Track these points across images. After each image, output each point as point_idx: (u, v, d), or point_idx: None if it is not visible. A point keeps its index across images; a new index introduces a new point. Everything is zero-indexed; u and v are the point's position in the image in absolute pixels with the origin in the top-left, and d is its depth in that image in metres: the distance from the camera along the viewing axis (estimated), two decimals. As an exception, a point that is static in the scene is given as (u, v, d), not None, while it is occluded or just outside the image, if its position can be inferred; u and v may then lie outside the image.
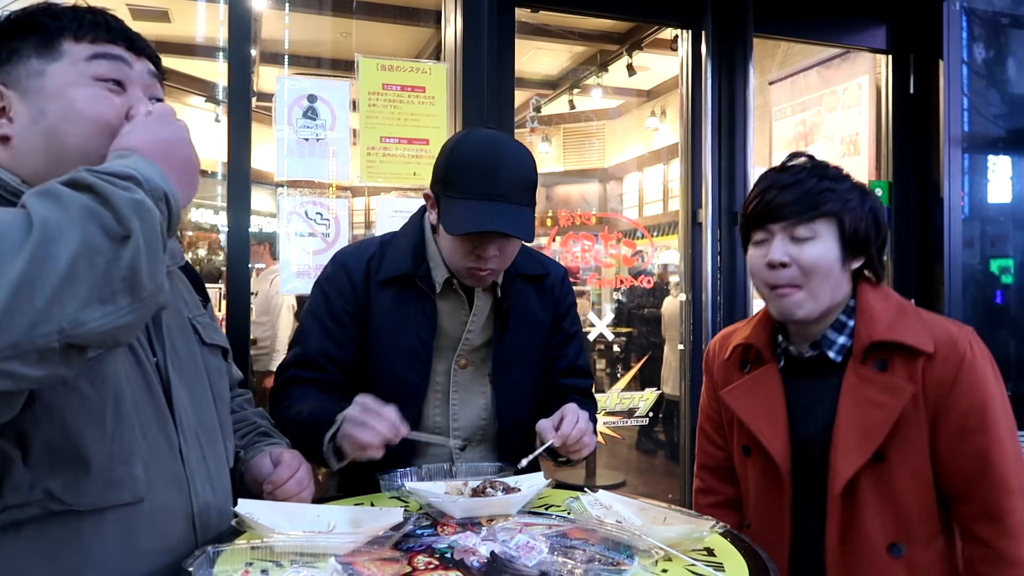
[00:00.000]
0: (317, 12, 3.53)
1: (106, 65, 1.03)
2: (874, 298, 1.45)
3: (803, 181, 1.42)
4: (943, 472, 1.37)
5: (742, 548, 1.10)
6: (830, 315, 1.45)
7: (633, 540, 1.08)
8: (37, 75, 1.01)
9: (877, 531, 1.37)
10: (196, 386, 1.15)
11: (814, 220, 1.40)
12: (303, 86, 2.53)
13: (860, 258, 1.46)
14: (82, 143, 1.00)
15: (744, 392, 1.53)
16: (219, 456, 1.16)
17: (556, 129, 8.37)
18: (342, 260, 1.61)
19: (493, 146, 1.46)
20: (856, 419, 1.38)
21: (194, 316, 1.20)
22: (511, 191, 1.43)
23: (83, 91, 1.01)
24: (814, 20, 3.37)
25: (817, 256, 1.39)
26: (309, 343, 1.56)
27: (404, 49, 4.13)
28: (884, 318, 1.41)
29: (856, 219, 1.42)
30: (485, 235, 1.44)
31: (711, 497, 1.66)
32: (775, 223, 1.42)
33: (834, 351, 1.45)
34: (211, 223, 8.53)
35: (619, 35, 5.16)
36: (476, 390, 1.63)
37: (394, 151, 2.61)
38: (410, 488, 1.30)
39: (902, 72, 3.49)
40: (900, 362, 1.38)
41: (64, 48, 1.02)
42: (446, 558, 1.05)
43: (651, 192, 8.17)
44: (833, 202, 1.41)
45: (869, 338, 1.39)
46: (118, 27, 1.07)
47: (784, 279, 1.41)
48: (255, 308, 4.63)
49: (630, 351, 5.32)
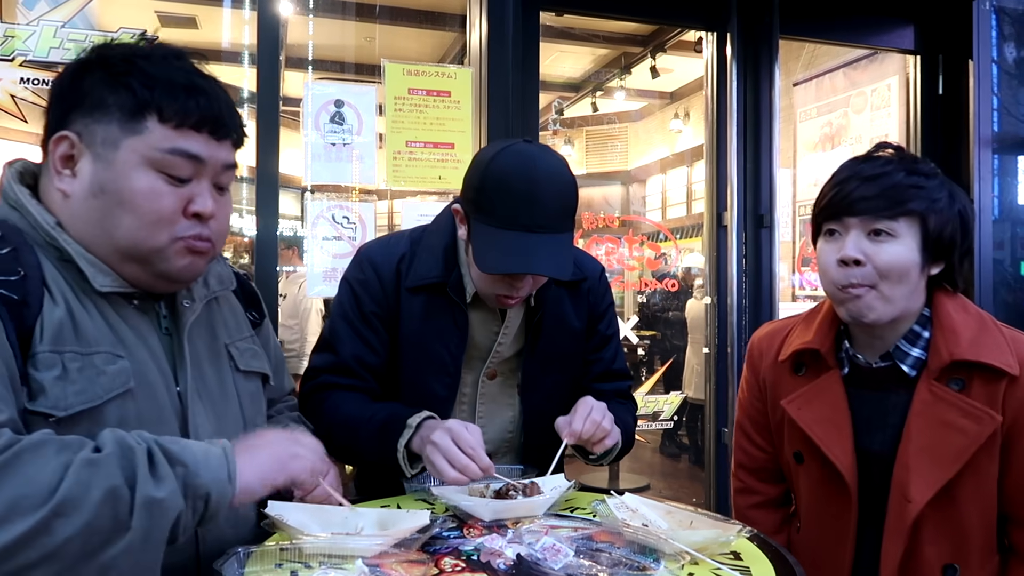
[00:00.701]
0: (342, 17, 3.56)
1: (180, 163, 1.01)
2: (953, 309, 1.34)
3: (890, 174, 1.30)
4: (1012, 495, 1.30)
5: (769, 552, 1.09)
6: (902, 323, 1.34)
7: (659, 544, 1.08)
8: (112, 145, 0.99)
9: (935, 554, 1.31)
10: (224, 413, 1.14)
11: (896, 218, 1.28)
12: (330, 91, 2.56)
13: (940, 264, 1.34)
14: (131, 232, 1.00)
15: (806, 403, 1.43)
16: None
17: (579, 131, 8.35)
18: (370, 258, 1.52)
19: (530, 169, 1.32)
20: (929, 441, 1.29)
21: (232, 342, 1.20)
22: (551, 220, 1.32)
23: (144, 179, 0.99)
24: (840, 21, 3.34)
25: (895, 257, 1.28)
26: (342, 348, 1.50)
27: (429, 53, 4.15)
28: (966, 334, 1.30)
29: (942, 221, 1.30)
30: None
31: (753, 498, 1.58)
32: (853, 216, 1.30)
33: (908, 364, 1.34)
34: (237, 226, 8.62)
35: (643, 37, 5.14)
36: (504, 401, 1.56)
37: (420, 155, 2.63)
38: (437, 492, 1.30)
39: (930, 73, 3.45)
40: (980, 383, 1.28)
41: (147, 125, 0.99)
42: (472, 560, 1.06)
43: (675, 194, 8.13)
44: (920, 200, 1.29)
45: (951, 356, 1.29)
46: (208, 112, 1.03)
47: (856, 278, 1.30)
48: (284, 311, 4.67)
49: (654, 354, 5.29)
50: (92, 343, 0.97)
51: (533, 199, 1.31)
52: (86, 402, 0.94)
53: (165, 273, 1.04)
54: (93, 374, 0.95)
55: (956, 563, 1.31)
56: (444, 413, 1.49)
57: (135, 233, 1.00)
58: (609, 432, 1.40)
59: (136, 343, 1.03)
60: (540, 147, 1.38)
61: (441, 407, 1.49)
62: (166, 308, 1.11)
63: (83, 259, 1.00)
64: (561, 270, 1.34)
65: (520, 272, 1.33)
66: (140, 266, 1.03)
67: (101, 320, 1.00)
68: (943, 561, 1.31)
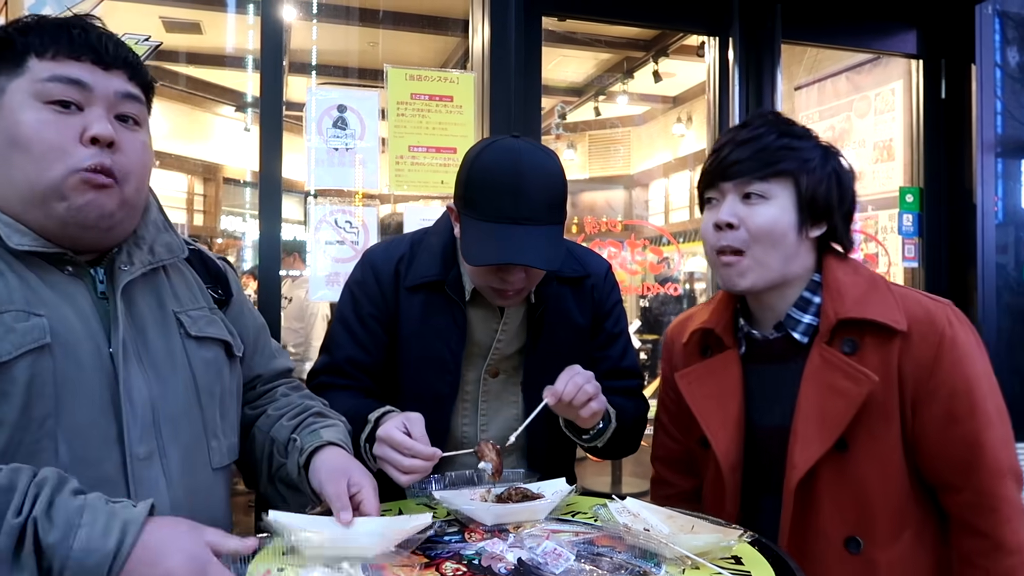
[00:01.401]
0: (345, 22, 3.57)
1: (59, 88, 0.99)
2: (842, 272, 1.31)
3: (761, 137, 1.30)
4: (928, 461, 1.26)
5: (770, 556, 1.09)
6: (789, 289, 1.33)
7: (661, 548, 1.08)
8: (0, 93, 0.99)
9: (834, 525, 1.27)
10: (169, 378, 1.10)
11: (767, 179, 1.28)
12: (333, 97, 2.57)
13: (821, 225, 1.32)
14: (27, 171, 0.98)
15: (697, 379, 1.42)
16: (192, 452, 1.12)
17: (582, 136, 8.35)
18: (371, 261, 1.56)
19: (515, 163, 1.34)
20: (816, 406, 1.26)
21: (184, 310, 1.16)
22: (536, 212, 1.33)
23: (29, 114, 0.98)
24: (843, 26, 3.34)
25: (768, 219, 1.28)
26: (336, 351, 1.53)
27: (432, 58, 4.17)
28: (852, 293, 1.28)
29: (815, 180, 1.29)
30: (511, 267, 1.36)
31: (667, 489, 1.57)
32: (727, 181, 1.31)
33: (799, 331, 1.32)
34: (240, 231, 8.64)
35: (645, 42, 5.15)
36: (507, 399, 1.57)
37: (422, 160, 2.63)
38: (439, 496, 1.31)
39: (933, 77, 3.45)
40: (872, 343, 1.25)
41: (28, 64, 0.99)
42: (474, 564, 1.06)
43: (677, 199, 8.12)
44: (791, 160, 1.29)
45: (836, 315, 1.27)
46: (82, 40, 1.01)
47: (727, 241, 1.30)
48: (289, 315, 4.68)
49: (656, 358, 5.29)
50: (2, 303, 0.96)
51: (518, 191, 1.32)
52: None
53: (68, 216, 1.00)
54: (1, 331, 0.94)
55: (858, 536, 1.26)
56: (447, 411, 1.52)
57: (30, 171, 0.98)
58: (593, 396, 1.36)
59: (59, 303, 1.01)
60: (527, 142, 1.39)
61: (443, 405, 1.51)
62: (104, 274, 1.09)
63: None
64: (549, 262, 1.34)
65: (504, 262, 1.33)
66: (43, 212, 1.00)
67: (17, 281, 0.98)
68: (844, 533, 1.27)
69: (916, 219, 3.42)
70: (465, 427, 1.56)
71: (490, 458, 1.33)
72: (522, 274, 1.39)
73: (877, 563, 1.26)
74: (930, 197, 3.43)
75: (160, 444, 1.07)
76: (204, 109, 7.24)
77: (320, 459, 1.19)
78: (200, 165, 7.73)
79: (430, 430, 1.51)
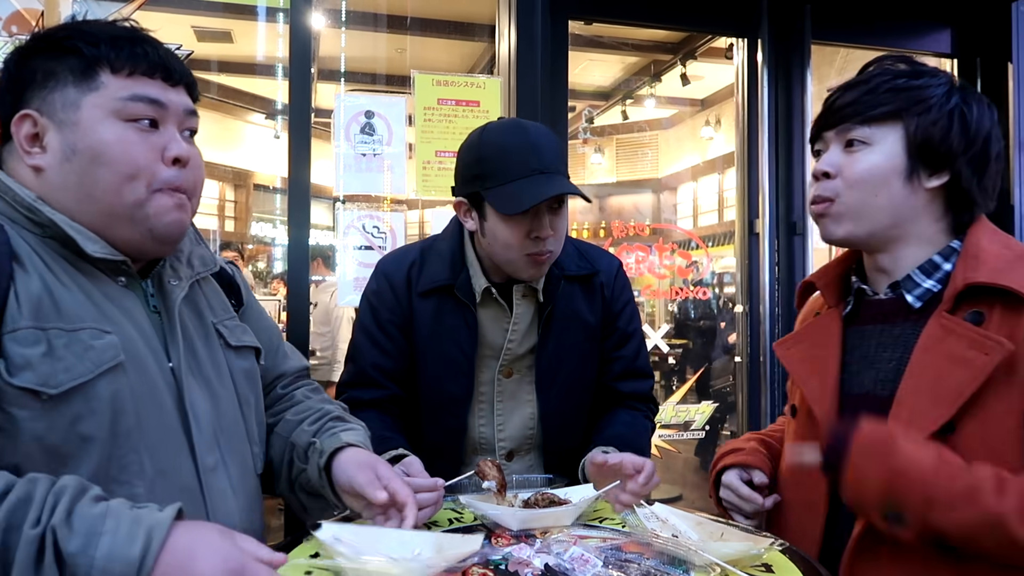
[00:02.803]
0: (373, 29, 3.60)
1: (140, 108, 1.01)
2: (988, 240, 1.13)
3: (872, 79, 1.16)
4: None
5: (801, 564, 1.07)
6: (905, 249, 1.17)
7: (689, 555, 1.07)
8: (72, 107, 0.99)
9: None
10: (219, 392, 1.13)
11: (870, 123, 1.14)
12: (361, 103, 2.59)
13: (941, 174, 1.14)
14: (110, 187, 1.00)
15: (796, 340, 1.29)
16: (244, 461, 1.15)
17: (609, 140, 8.33)
18: (384, 271, 1.60)
19: (519, 127, 1.46)
20: (931, 378, 1.09)
21: (220, 321, 1.19)
22: (553, 163, 1.42)
23: (113, 131, 1.00)
24: (874, 25, 3.29)
25: (867, 166, 1.14)
26: (361, 359, 1.57)
27: (458, 64, 4.18)
28: (994, 262, 1.09)
29: (928, 121, 1.12)
30: (540, 212, 1.41)
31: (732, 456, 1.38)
32: (829, 129, 1.18)
33: (915, 295, 1.17)
34: (270, 236, 8.74)
35: (672, 45, 5.12)
36: (522, 399, 1.59)
37: (449, 165, 2.62)
38: (465, 501, 1.30)
39: (968, 76, 3.38)
40: (1001, 317, 1.06)
41: (101, 79, 1.00)
42: (500, 569, 1.05)
43: (706, 202, 8.07)
44: (899, 100, 1.13)
45: (965, 280, 1.09)
46: (156, 58, 1.04)
47: (820, 191, 1.17)
48: (315, 319, 4.72)
49: (685, 363, 5.25)
50: (76, 319, 0.96)
51: (533, 146, 1.42)
52: (76, 378, 0.93)
53: (152, 230, 1.03)
54: (80, 349, 0.94)
55: None
56: (463, 412, 1.56)
57: (114, 187, 0.99)
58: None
59: (122, 319, 1.02)
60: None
61: (460, 407, 1.55)
62: (153, 287, 1.11)
63: (70, 227, 0.99)
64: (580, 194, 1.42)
65: (548, 196, 1.38)
66: (127, 226, 1.02)
67: (83, 297, 0.99)
68: None
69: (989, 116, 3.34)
70: (482, 427, 1.58)
71: (492, 476, 1.33)
72: (551, 232, 1.43)
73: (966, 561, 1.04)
74: (965, 199, 3.37)
75: (221, 454, 1.10)
76: (235, 116, 7.35)
77: (342, 458, 1.19)
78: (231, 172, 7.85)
79: (448, 432, 1.55)
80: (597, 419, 1.62)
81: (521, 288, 1.55)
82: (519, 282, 1.54)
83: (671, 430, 3.52)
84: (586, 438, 1.57)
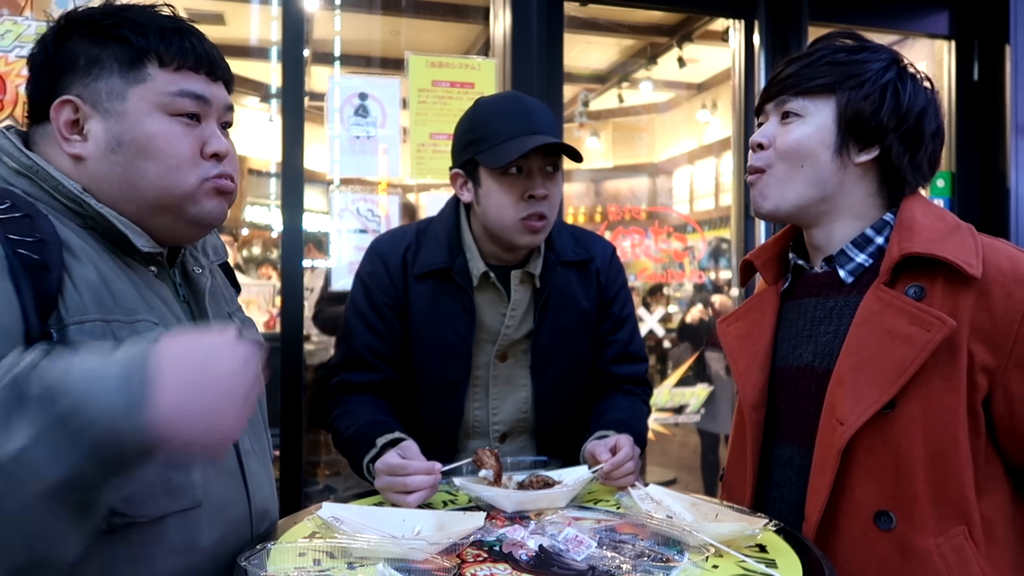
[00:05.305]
0: (367, 11, 3.56)
1: (187, 103, 1.01)
2: (921, 212, 1.13)
3: (813, 53, 1.17)
4: (1018, 443, 1.09)
5: (796, 545, 1.08)
6: (837, 223, 1.18)
7: (684, 536, 1.07)
8: (118, 97, 0.98)
9: (865, 494, 1.09)
10: None
11: (804, 95, 1.15)
12: (354, 85, 2.58)
13: (871, 149, 1.15)
14: (158, 179, 1.00)
15: (735, 319, 1.31)
16: (264, 446, 1.17)
17: (605, 124, 8.29)
18: (378, 251, 1.59)
19: (512, 95, 1.53)
20: (872, 355, 1.08)
21: (233, 311, 1.21)
22: (547, 126, 1.44)
23: (159, 125, 0.99)
24: (871, 7, 3.28)
25: (797, 137, 1.15)
26: (354, 340, 1.55)
27: (453, 46, 4.14)
28: (927, 233, 1.09)
29: (860, 96, 1.13)
30: (533, 172, 1.43)
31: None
32: (769, 102, 1.20)
33: (847, 270, 1.18)
34: (265, 221, 8.71)
35: (669, 27, 5.08)
36: (517, 383, 1.59)
37: (443, 147, 2.63)
38: (459, 483, 1.31)
39: (966, 58, 3.37)
40: (942, 292, 1.07)
41: (149, 71, 0.99)
42: (495, 551, 1.06)
43: (702, 186, 8.04)
44: (833, 74, 1.14)
45: (901, 251, 1.09)
46: (203, 53, 1.04)
47: (752, 161, 1.19)
48: (312, 305, 4.70)
49: (681, 346, 5.25)
50: (131, 311, 0.96)
51: (527, 110, 1.46)
52: None
53: (196, 218, 1.04)
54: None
55: (891, 510, 1.08)
56: (459, 395, 1.56)
57: (162, 180, 1.00)
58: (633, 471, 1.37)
59: (163, 310, 1.02)
60: None
61: (455, 390, 1.55)
62: (180, 276, 1.11)
63: (119, 221, 0.98)
64: (572, 150, 1.44)
65: (537, 145, 1.38)
66: (173, 215, 1.02)
67: (132, 288, 0.99)
68: (875, 506, 1.09)
69: (947, 204, 3.35)
70: (477, 411, 1.59)
71: (490, 464, 1.33)
72: (544, 192, 1.44)
73: (914, 548, 1.06)
74: (962, 181, 3.37)
75: (252, 440, 1.12)
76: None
77: None
78: (225, 157, 7.78)
79: (444, 415, 1.55)
80: (594, 403, 1.63)
81: (519, 274, 1.55)
82: (516, 267, 1.54)
83: (666, 413, 3.53)
84: (579, 421, 1.58)
